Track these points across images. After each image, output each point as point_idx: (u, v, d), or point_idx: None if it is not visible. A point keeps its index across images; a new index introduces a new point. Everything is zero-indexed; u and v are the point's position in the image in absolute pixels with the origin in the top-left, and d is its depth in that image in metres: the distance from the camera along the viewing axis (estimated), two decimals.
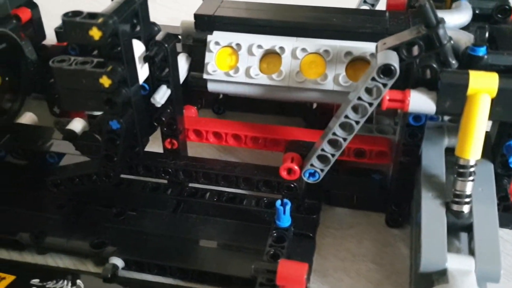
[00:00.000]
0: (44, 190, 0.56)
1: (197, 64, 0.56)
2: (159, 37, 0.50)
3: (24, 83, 0.59)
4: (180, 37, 0.61)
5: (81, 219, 0.56)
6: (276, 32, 0.54)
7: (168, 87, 0.52)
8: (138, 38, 0.50)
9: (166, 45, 0.49)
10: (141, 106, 0.51)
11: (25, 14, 0.74)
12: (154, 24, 0.53)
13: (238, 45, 0.54)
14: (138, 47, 0.50)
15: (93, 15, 0.44)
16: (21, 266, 0.53)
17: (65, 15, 0.44)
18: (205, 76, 0.55)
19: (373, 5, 0.64)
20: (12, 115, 0.58)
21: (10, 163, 0.61)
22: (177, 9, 1.07)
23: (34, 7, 0.77)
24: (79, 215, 0.56)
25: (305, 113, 0.68)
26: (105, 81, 0.45)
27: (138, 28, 0.50)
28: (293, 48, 0.53)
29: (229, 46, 0.54)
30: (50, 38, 0.82)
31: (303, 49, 0.52)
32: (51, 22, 0.88)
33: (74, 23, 0.43)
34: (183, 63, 0.56)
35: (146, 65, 0.51)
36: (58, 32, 0.83)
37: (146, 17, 0.50)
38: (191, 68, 0.57)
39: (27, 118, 0.63)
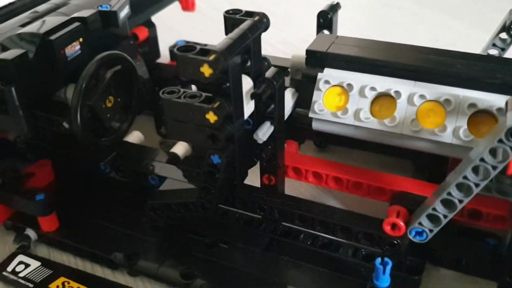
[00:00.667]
0: (142, 211, 0.57)
1: (304, 100, 0.54)
2: (268, 73, 0.49)
3: (135, 103, 0.60)
4: (289, 70, 0.59)
5: (173, 245, 0.56)
6: (392, 74, 0.51)
7: (271, 123, 0.50)
8: (248, 73, 0.49)
9: (274, 83, 0.48)
10: (244, 141, 0.50)
11: (142, 33, 0.76)
12: (264, 59, 0.52)
13: (349, 85, 0.51)
14: (247, 83, 0.49)
15: (205, 51, 0.43)
16: (113, 285, 0.54)
17: (179, 49, 0.43)
18: (311, 115, 0.52)
19: (503, 49, 0.58)
20: (121, 134, 0.60)
21: (113, 179, 0.62)
22: (288, 31, 1.06)
23: (152, 26, 0.79)
24: (172, 241, 0.56)
25: (416, 156, 0.63)
26: (211, 117, 0.45)
27: (248, 63, 0.49)
28: (410, 94, 0.49)
29: (340, 85, 0.51)
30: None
31: (422, 96, 0.48)
32: (166, 39, 0.91)
33: (186, 58, 0.43)
34: (289, 98, 0.55)
35: (253, 100, 0.50)
36: (172, 51, 0.86)
37: (257, 52, 0.49)
38: (297, 104, 0.55)
39: (134, 136, 0.65)
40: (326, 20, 0.61)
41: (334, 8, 0.62)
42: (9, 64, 0.51)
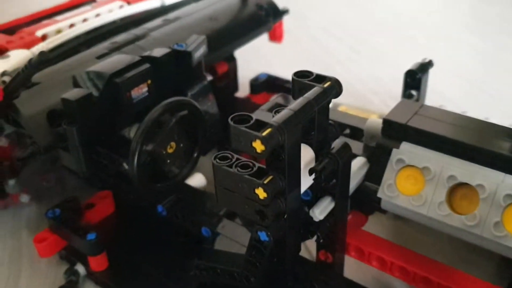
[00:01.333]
0: (190, 263, 0.55)
1: (375, 174, 0.48)
2: (334, 145, 0.44)
3: (199, 150, 0.58)
4: (364, 134, 0.54)
5: None
6: (480, 161, 0.44)
7: (332, 199, 0.45)
8: (310, 143, 0.45)
9: (338, 160, 0.43)
10: (297, 216, 0.45)
11: (221, 67, 0.74)
12: (331, 125, 0.46)
13: (426, 169, 0.44)
14: (307, 153, 0.44)
15: (261, 124, 0.39)
16: None
17: (232, 118, 0.40)
18: (380, 195, 0.46)
19: None
20: (179, 180, 0.58)
21: (169, 222, 0.60)
22: (380, 67, 1.00)
23: (232, 60, 0.77)
24: None
25: (501, 258, 0.54)
26: (260, 193, 0.40)
27: (311, 133, 0.44)
28: (497, 189, 0.41)
29: (416, 167, 0.45)
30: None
31: (510, 195, 0.41)
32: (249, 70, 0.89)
33: (238, 131, 0.39)
34: (358, 170, 0.49)
35: None
36: (253, 84, 0.83)
37: (323, 122, 0.44)
38: (367, 177, 0.49)
39: (196, 180, 0.63)
40: (414, 80, 0.55)
41: (425, 67, 0.55)
42: (73, 105, 0.50)
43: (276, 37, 0.83)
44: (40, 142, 0.52)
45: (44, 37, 0.68)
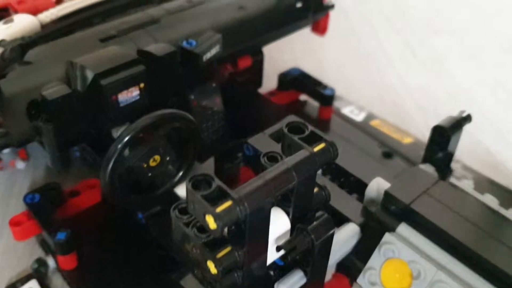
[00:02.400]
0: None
1: (364, 250, 0.41)
2: (317, 219, 0.37)
3: (191, 160, 0.53)
4: (365, 194, 0.46)
5: None
6: (480, 271, 0.36)
7: (305, 275, 0.39)
8: (287, 211, 0.38)
9: (314, 240, 0.36)
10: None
11: (244, 61, 0.67)
12: (320, 187, 0.39)
13: (416, 269, 0.37)
14: (281, 222, 0.38)
15: (223, 193, 0.33)
16: None
17: (191, 179, 0.34)
18: (359, 281, 0.40)
19: None
20: (169, 189, 0.53)
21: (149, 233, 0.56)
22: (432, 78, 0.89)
23: (258, 54, 0.69)
24: None
25: None
26: (211, 267, 0.35)
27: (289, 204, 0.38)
28: None
29: (405, 262, 0.38)
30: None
31: None
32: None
33: (193, 195, 0.33)
34: (346, 240, 0.42)
35: None
36: (282, 79, 0.75)
37: (307, 192, 0.37)
38: (354, 250, 0.43)
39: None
40: (443, 138, 0.47)
41: (458, 124, 0.47)
42: (49, 104, 0.46)
43: (319, 29, 0.74)
44: (15, 134, 0.48)
45: (59, 0, 0.63)
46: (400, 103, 0.84)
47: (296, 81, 0.75)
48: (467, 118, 0.48)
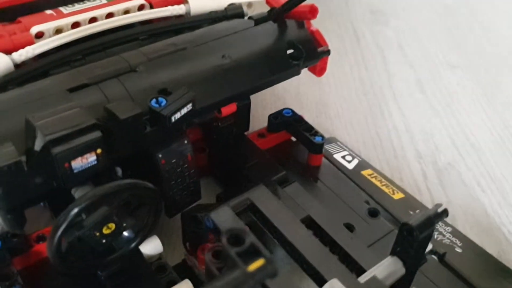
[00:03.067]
0: None
1: None
2: None
3: (152, 224, 0.51)
4: None
5: None
6: None
7: None
8: None
9: None
10: None
11: (228, 108, 0.64)
12: None
13: None
14: None
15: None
16: None
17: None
18: None
19: None
20: (126, 253, 0.51)
21: None
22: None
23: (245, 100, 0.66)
24: None
25: None
26: None
27: None
28: None
29: None
30: None
31: None
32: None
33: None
34: None
35: None
36: (272, 121, 0.72)
37: None
38: None
39: (150, 246, 0.56)
40: (411, 236, 0.43)
41: (430, 222, 0.43)
42: None
43: (315, 71, 0.70)
44: None
45: (39, 35, 0.61)
46: (399, 148, 0.80)
47: (286, 124, 0.72)
48: (442, 214, 0.44)
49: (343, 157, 0.73)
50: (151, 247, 0.55)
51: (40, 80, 0.54)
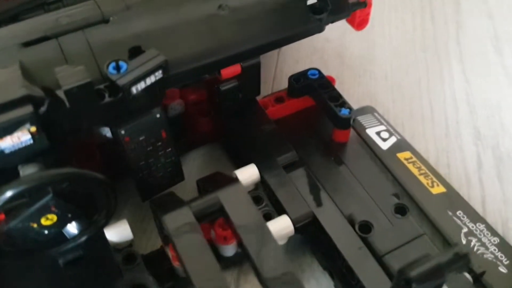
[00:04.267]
0: None
1: None
2: None
3: (108, 213, 0.42)
4: None
5: None
6: None
7: None
8: None
9: None
10: None
11: (229, 70, 0.52)
12: None
13: None
14: None
15: None
16: None
17: None
18: None
19: None
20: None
21: None
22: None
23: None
24: None
25: None
26: None
27: None
28: None
29: None
30: None
31: None
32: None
33: None
34: None
35: None
36: (292, 84, 0.59)
37: None
38: None
39: (117, 231, 0.47)
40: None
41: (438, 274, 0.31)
42: None
43: (354, 22, 0.56)
44: None
45: None
46: (453, 123, 0.64)
47: (310, 88, 0.59)
48: (459, 262, 0.31)
49: (378, 133, 0.60)
50: (118, 233, 0.47)
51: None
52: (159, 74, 0.41)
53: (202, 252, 0.38)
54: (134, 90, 0.40)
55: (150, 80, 0.41)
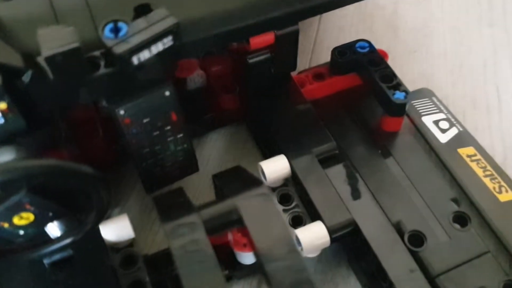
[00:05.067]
0: None
1: None
2: None
3: (99, 213, 0.34)
4: None
5: None
6: None
7: None
8: None
9: None
10: None
11: (262, 38, 0.42)
12: None
13: None
14: None
15: None
16: None
17: None
18: None
19: None
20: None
21: None
22: None
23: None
24: None
25: None
26: None
27: None
28: None
29: None
30: None
31: None
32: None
33: None
34: None
35: None
36: (335, 58, 0.49)
37: None
38: None
39: (116, 230, 0.39)
40: None
41: None
42: None
43: None
44: None
45: None
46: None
47: (356, 65, 0.49)
48: None
49: (436, 122, 0.50)
50: (116, 230, 0.39)
51: None
52: (168, 41, 0.32)
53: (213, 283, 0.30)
54: (135, 60, 0.31)
55: (157, 48, 0.32)
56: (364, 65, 0.48)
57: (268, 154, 0.43)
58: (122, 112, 0.34)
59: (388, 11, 0.63)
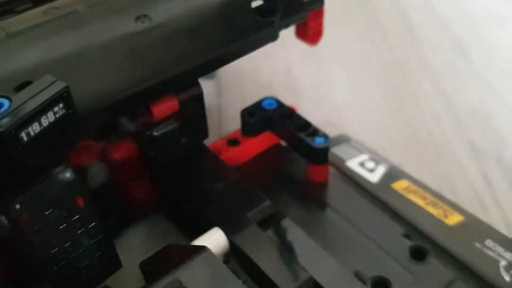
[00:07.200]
0: None
1: None
2: None
3: None
4: None
5: None
6: None
7: None
8: None
9: None
10: None
11: (165, 105, 0.39)
12: None
13: None
14: None
15: None
16: None
17: None
18: None
19: None
20: None
21: None
22: None
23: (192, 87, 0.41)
24: None
25: None
26: None
27: None
28: None
29: None
30: None
31: None
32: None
33: None
34: None
35: None
36: (245, 119, 0.47)
37: None
38: None
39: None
40: None
41: None
42: None
43: (306, 35, 0.45)
44: None
45: None
46: (443, 142, 0.54)
47: (269, 122, 0.47)
48: None
49: (362, 164, 0.48)
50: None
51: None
52: (60, 110, 0.27)
53: None
54: (24, 136, 0.26)
55: (48, 119, 0.27)
56: (277, 120, 0.46)
57: (199, 233, 0.38)
58: (17, 206, 0.28)
59: (283, 76, 0.63)
